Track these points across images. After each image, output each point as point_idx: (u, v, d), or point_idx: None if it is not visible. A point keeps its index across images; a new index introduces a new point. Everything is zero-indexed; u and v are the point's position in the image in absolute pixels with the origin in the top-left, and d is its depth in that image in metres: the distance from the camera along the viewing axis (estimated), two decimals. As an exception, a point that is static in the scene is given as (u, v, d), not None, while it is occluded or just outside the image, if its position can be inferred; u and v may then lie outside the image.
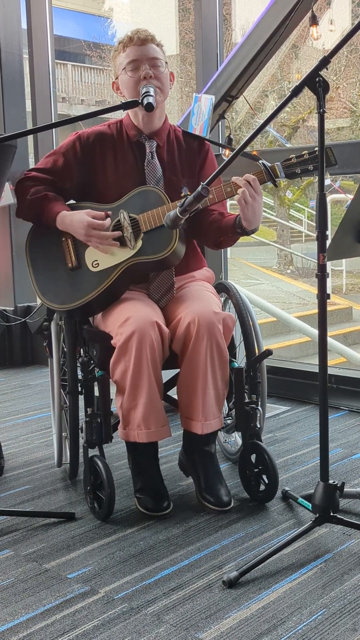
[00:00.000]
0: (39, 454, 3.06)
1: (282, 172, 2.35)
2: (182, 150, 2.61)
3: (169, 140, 2.60)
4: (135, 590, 1.97)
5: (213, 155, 2.68)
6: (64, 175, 2.57)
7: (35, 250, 2.57)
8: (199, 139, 2.67)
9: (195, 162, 2.62)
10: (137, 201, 2.46)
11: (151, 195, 2.45)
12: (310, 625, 1.78)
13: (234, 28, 12.46)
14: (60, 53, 16.60)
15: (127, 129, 2.59)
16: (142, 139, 2.57)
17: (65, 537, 2.29)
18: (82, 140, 2.56)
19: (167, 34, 13.72)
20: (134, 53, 2.49)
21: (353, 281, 12.05)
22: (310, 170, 2.32)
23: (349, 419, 3.31)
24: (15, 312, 4.71)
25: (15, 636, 1.80)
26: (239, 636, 1.76)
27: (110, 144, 2.57)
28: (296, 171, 2.34)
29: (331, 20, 11.57)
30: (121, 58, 2.52)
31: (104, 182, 2.55)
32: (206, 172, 2.62)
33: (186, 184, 2.56)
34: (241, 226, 2.41)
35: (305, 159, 2.33)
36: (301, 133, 13.52)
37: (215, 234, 2.54)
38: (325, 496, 2.07)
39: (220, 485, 2.45)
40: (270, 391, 3.45)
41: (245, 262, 13.01)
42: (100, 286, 2.44)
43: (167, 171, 2.56)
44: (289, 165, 2.35)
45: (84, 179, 2.57)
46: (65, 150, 2.57)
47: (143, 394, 2.33)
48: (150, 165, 2.54)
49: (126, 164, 2.55)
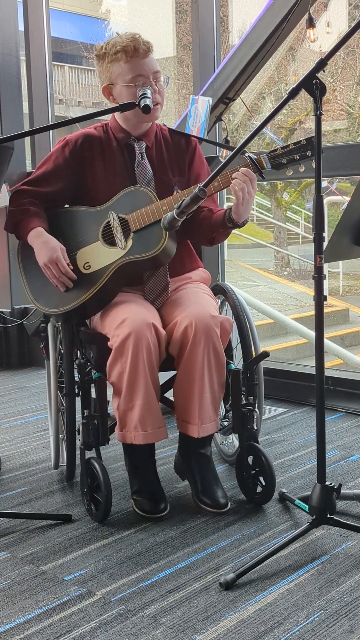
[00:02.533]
0: (35, 456, 3.06)
1: (267, 163, 2.35)
2: (170, 149, 2.61)
3: (157, 140, 2.60)
4: (132, 592, 1.97)
5: (201, 151, 2.68)
6: (56, 181, 2.56)
7: (27, 254, 2.57)
8: (185, 137, 2.67)
9: (183, 159, 2.61)
10: (126, 201, 2.46)
11: (139, 195, 2.45)
12: (307, 627, 1.78)
13: (231, 30, 12.47)
14: (57, 55, 16.59)
15: (114, 132, 2.58)
16: (130, 141, 2.56)
17: (62, 539, 2.29)
18: (71, 144, 2.56)
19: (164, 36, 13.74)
20: (140, 68, 2.44)
21: (350, 283, 12.07)
22: (297, 160, 2.32)
23: (346, 421, 3.32)
24: (12, 314, 4.71)
25: (12, 638, 1.79)
26: (236, 638, 1.75)
27: (99, 147, 2.56)
28: (282, 161, 2.33)
29: (328, 22, 11.60)
30: (123, 68, 2.45)
31: (94, 184, 2.54)
32: (195, 168, 2.62)
33: (177, 182, 2.56)
34: (231, 219, 2.42)
35: (290, 150, 2.33)
36: (298, 135, 13.52)
37: (207, 231, 2.54)
38: (322, 498, 2.07)
39: (217, 487, 2.44)
40: (267, 393, 3.45)
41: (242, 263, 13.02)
42: (93, 288, 2.44)
43: (157, 171, 2.55)
44: (274, 156, 2.34)
45: (76, 182, 2.57)
46: (56, 156, 2.57)
47: (140, 396, 2.33)
48: (140, 167, 2.53)
49: (116, 165, 2.54)
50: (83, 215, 2.52)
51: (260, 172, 2.35)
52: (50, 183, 2.56)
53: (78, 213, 2.54)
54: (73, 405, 2.57)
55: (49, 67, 4.73)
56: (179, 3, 14.15)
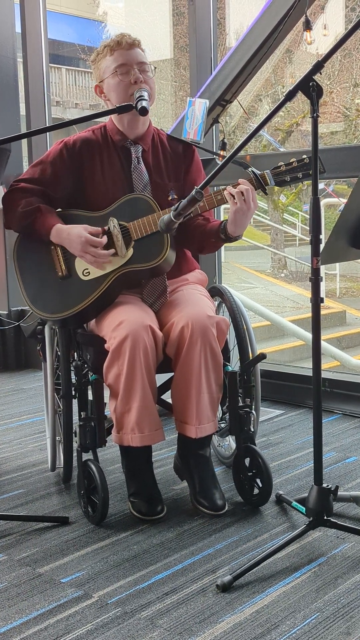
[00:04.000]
0: (32, 458, 3.05)
1: (271, 179, 2.36)
2: (167, 154, 2.61)
3: (153, 144, 2.60)
4: (129, 594, 1.97)
5: (199, 159, 2.68)
6: (54, 184, 2.55)
7: (24, 259, 2.56)
8: (183, 144, 2.67)
9: (180, 166, 2.61)
10: (126, 209, 2.45)
11: (140, 203, 2.45)
12: (304, 629, 1.78)
13: (228, 32, 12.49)
14: (54, 57, 16.59)
15: (111, 134, 2.58)
16: (127, 144, 2.56)
17: (59, 541, 2.29)
18: (69, 147, 2.56)
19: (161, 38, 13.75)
20: (123, 57, 2.48)
21: (347, 285, 12.07)
22: (300, 178, 2.33)
23: (342, 423, 3.32)
24: (9, 315, 4.70)
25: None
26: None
27: (97, 150, 2.56)
28: (285, 179, 2.35)
29: (325, 25, 11.62)
30: (108, 61, 2.51)
31: (91, 188, 2.54)
32: (192, 176, 2.62)
33: (173, 187, 2.56)
34: (225, 231, 2.42)
35: (294, 167, 2.34)
36: (295, 137, 13.54)
37: (199, 239, 2.55)
38: (319, 500, 2.07)
39: (215, 489, 2.44)
40: (264, 395, 3.45)
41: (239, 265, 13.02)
42: (92, 295, 2.43)
43: (153, 175, 2.55)
44: (278, 173, 2.36)
45: (73, 186, 2.56)
46: (53, 158, 2.55)
47: (136, 398, 2.33)
48: (136, 171, 2.53)
49: (113, 169, 2.54)
50: (82, 220, 2.50)
51: (263, 188, 2.36)
52: (47, 184, 2.55)
53: (77, 217, 2.52)
54: (70, 408, 2.57)
55: (46, 69, 4.73)
56: (176, 5, 14.16)
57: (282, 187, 2.38)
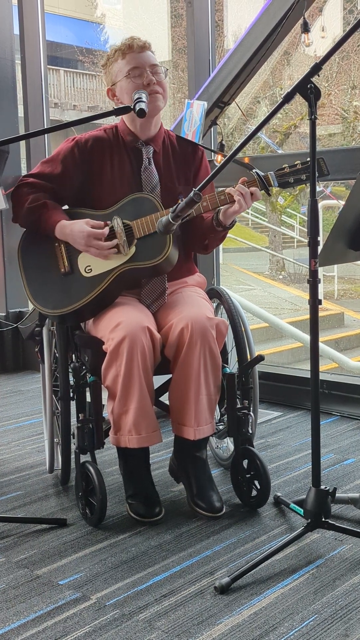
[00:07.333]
0: (30, 459, 3.05)
1: (275, 181, 2.37)
2: (177, 156, 2.61)
3: (164, 146, 2.61)
4: (127, 596, 1.97)
5: (207, 162, 2.69)
6: (63, 182, 2.55)
7: (28, 255, 2.57)
8: (192, 145, 2.68)
9: (189, 168, 2.62)
10: (131, 208, 2.46)
11: (145, 202, 2.45)
12: (302, 631, 1.78)
13: (226, 34, 12.50)
14: (52, 59, 16.60)
15: (122, 135, 2.59)
16: (138, 144, 2.57)
17: (57, 543, 2.29)
18: (80, 145, 2.56)
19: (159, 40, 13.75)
20: (135, 60, 2.49)
21: (344, 287, 12.07)
22: (303, 180, 2.34)
23: (340, 425, 3.32)
24: (6, 317, 4.70)
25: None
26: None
27: (108, 149, 2.57)
28: (289, 180, 2.36)
29: (323, 27, 11.64)
30: (120, 65, 2.51)
31: (99, 187, 2.54)
32: (200, 178, 2.62)
33: (182, 191, 2.56)
34: (218, 221, 2.43)
35: (298, 169, 2.34)
36: (293, 139, 13.55)
37: (200, 238, 2.56)
38: (317, 502, 2.07)
39: (212, 491, 2.44)
40: (262, 397, 3.45)
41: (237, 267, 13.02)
42: (93, 292, 2.44)
43: (163, 178, 2.56)
44: (282, 174, 2.37)
45: (81, 184, 2.56)
46: (64, 156, 2.56)
47: (134, 399, 2.33)
48: (147, 172, 2.54)
49: (123, 169, 2.54)
50: (87, 217, 2.50)
51: (267, 190, 2.37)
52: (57, 182, 2.55)
53: (83, 215, 2.52)
54: (68, 409, 2.57)
55: (44, 71, 4.73)
56: (174, 7, 14.17)
57: (285, 189, 2.38)
